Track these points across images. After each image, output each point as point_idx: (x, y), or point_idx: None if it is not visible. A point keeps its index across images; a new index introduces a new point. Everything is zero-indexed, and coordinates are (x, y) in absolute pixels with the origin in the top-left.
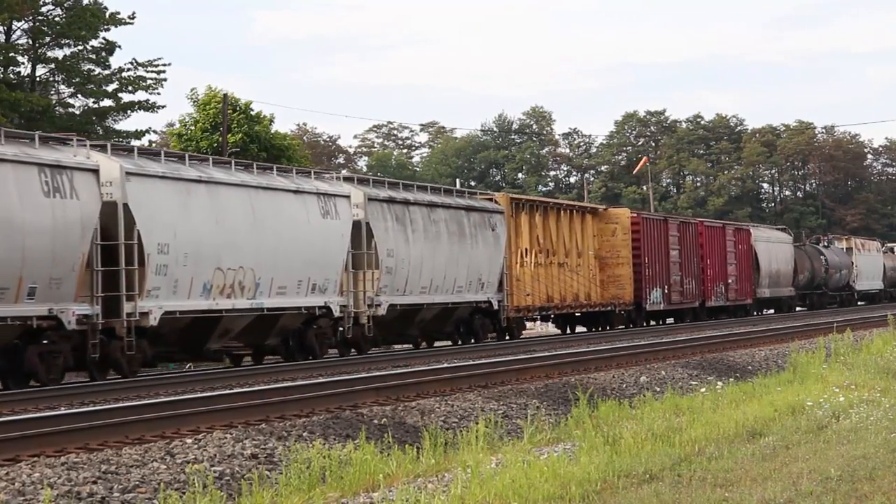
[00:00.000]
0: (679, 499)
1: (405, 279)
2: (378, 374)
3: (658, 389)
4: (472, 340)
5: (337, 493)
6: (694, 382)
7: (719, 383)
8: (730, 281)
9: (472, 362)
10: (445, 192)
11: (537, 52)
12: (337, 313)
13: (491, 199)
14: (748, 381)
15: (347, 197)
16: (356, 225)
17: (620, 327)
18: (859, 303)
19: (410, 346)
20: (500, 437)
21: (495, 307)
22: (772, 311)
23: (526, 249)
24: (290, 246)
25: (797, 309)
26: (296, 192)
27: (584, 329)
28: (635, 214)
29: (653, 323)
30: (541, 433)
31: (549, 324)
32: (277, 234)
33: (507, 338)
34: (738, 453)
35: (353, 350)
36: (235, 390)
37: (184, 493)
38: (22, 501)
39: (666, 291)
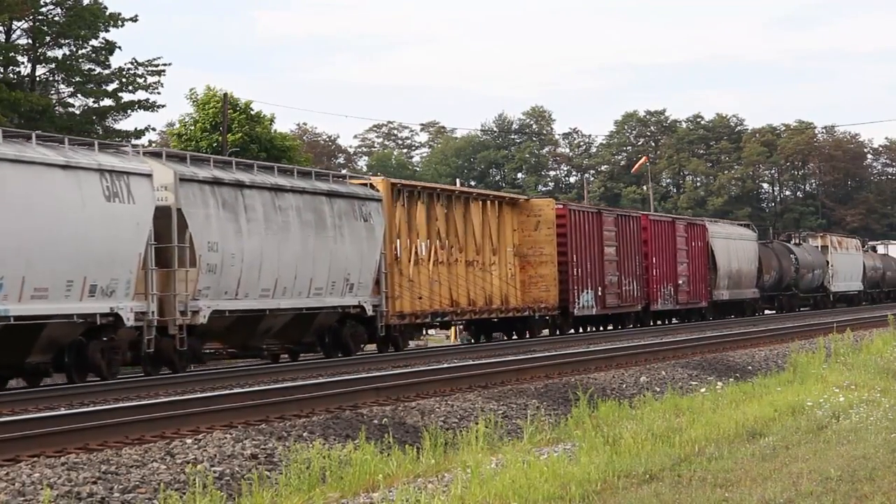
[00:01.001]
0: (679, 499)
1: (237, 279)
2: (378, 374)
3: (658, 389)
4: (342, 353)
5: (337, 493)
6: (694, 382)
7: (719, 383)
8: (680, 282)
9: (472, 362)
10: (300, 175)
11: (537, 52)
12: (130, 322)
13: (366, 184)
14: (748, 381)
15: (148, 176)
16: (162, 211)
17: (545, 333)
18: (840, 305)
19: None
20: (500, 437)
21: (370, 313)
22: (732, 315)
23: (423, 245)
24: (52, 236)
25: (766, 312)
26: (65, 167)
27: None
28: (561, 206)
29: (591, 329)
30: (541, 433)
31: (455, 330)
32: (33, 220)
33: (392, 349)
34: (738, 453)
35: (165, 368)
36: (235, 390)
37: (184, 494)
38: (22, 501)
39: (600, 294)
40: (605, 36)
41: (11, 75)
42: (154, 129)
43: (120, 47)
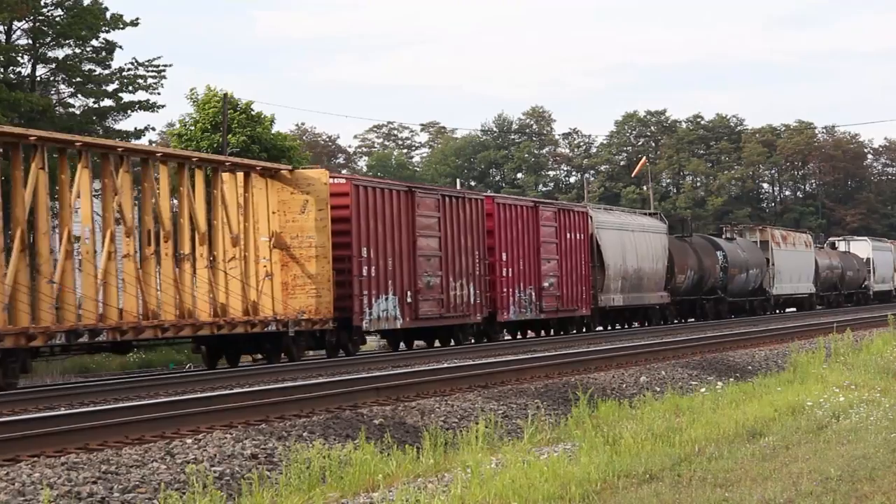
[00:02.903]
0: (679, 499)
1: None
2: (378, 374)
3: (658, 389)
4: None
5: (337, 493)
6: (694, 382)
7: (719, 383)
8: (546, 284)
9: (472, 362)
10: None
11: (537, 52)
12: None
13: None
14: (748, 381)
15: None
16: None
17: (315, 355)
18: (788, 310)
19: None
20: (500, 437)
21: None
22: (627, 325)
23: (87, 229)
24: None
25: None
26: None
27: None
28: (343, 181)
29: (423, 343)
30: (541, 433)
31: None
32: None
33: None
34: (738, 453)
35: None
36: (235, 390)
37: (184, 493)
38: (22, 501)
39: (409, 301)
40: (606, 36)
41: (11, 75)
42: (154, 130)
43: (121, 47)
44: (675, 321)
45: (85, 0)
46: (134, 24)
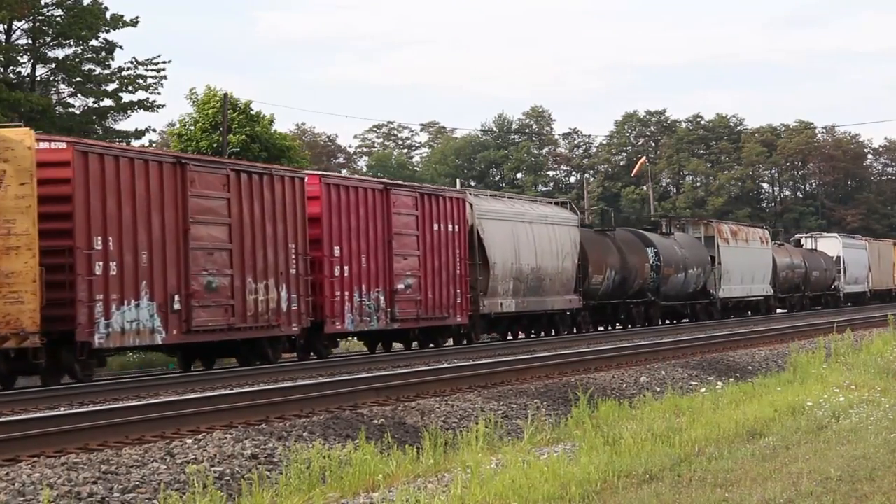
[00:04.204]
0: (679, 499)
1: None
2: (378, 374)
3: (658, 389)
4: None
5: (337, 493)
6: (694, 382)
7: (719, 383)
8: (400, 286)
9: (472, 362)
10: None
11: (537, 52)
12: None
13: None
14: (748, 382)
15: None
16: None
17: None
18: (746, 313)
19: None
20: (500, 437)
21: None
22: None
23: None
24: None
25: (630, 328)
26: None
27: None
28: (63, 145)
29: (190, 369)
30: (541, 433)
31: None
32: None
33: None
34: (738, 453)
35: None
36: (235, 390)
37: (184, 494)
38: (22, 501)
39: (178, 307)
40: (606, 36)
41: (11, 75)
42: (154, 130)
43: (121, 47)
44: (597, 329)
45: (85, 0)
46: (134, 23)
